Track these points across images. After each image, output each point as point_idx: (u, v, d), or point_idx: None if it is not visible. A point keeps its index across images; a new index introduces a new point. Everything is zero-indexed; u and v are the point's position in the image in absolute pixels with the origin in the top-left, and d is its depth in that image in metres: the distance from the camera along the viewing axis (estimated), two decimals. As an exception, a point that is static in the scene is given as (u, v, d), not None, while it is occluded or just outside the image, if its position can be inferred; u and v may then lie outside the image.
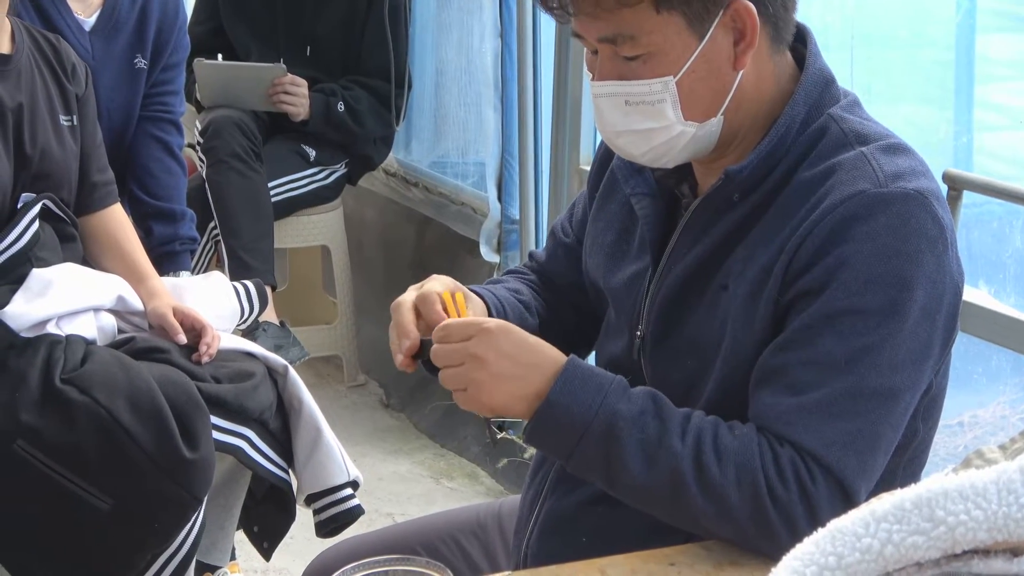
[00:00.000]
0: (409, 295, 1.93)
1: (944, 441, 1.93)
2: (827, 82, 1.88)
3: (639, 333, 1.96)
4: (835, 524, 1.05)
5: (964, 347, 1.89)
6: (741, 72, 1.84)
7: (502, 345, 1.77)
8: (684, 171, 1.97)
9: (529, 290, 2.20)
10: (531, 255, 2.30)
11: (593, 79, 1.88)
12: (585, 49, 1.91)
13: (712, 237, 1.87)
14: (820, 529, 1.06)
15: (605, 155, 2.13)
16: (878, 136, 1.83)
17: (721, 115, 1.85)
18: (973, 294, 2.87)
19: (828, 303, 1.72)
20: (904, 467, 1.86)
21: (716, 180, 1.86)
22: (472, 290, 2.06)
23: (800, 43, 1.92)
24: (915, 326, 1.72)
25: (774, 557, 1.69)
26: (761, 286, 1.78)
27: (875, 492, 1.70)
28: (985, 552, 1.02)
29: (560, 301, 2.21)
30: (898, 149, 1.82)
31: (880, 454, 1.73)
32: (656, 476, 1.73)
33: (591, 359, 2.14)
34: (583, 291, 2.16)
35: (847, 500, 1.69)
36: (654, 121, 1.84)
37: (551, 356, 1.79)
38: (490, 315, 2.03)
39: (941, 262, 1.74)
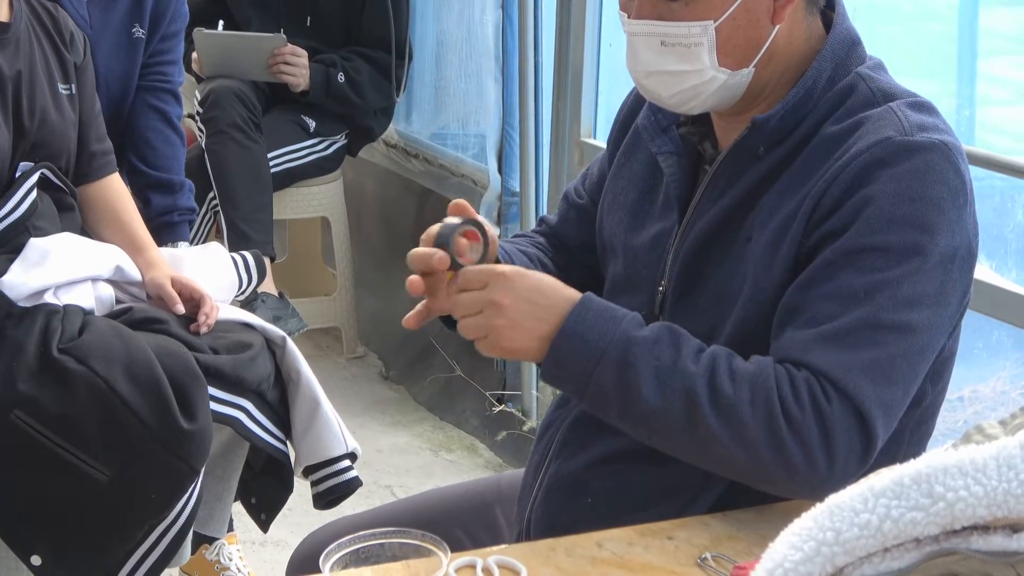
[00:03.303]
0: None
1: (943, 416, 1.93)
2: (853, 42, 1.92)
3: (661, 288, 1.97)
4: (833, 499, 1.04)
5: (965, 321, 1.89)
6: (777, 26, 1.87)
7: (518, 289, 1.77)
8: (706, 128, 2.00)
9: (536, 250, 2.20)
10: (542, 220, 2.32)
11: (630, 17, 1.90)
12: None
13: (737, 190, 1.89)
14: (819, 505, 1.05)
15: (628, 115, 2.16)
16: (905, 94, 1.87)
17: (753, 67, 1.88)
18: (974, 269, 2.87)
19: (850, 240, 1.74)
20: (911, 431, 1.87)
21: (742, 130, 1.88)
22: None
23: (830, 9, 1.96)
24: (932, 270, 1.74)
25: (787, 486, 1.70)
26: (784, 232, 1.80)
27: (881, 457, 1.72)
28: (985, 528, 1.01)
29: (572, 263, 2.22)
30: (924, 106, 1.85)
31: (897, 388, 1.74)
32: (670, 400, 1.73)
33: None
34: (594, 253, 2.17)
35: (863, 425, 1.70)
36: (688, 64, 1.86)
37: (567, 295, 1.80)
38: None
39: (960, 215, 1.77)
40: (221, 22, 4.86)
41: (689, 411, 1.72)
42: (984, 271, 2.94)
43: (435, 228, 1.86)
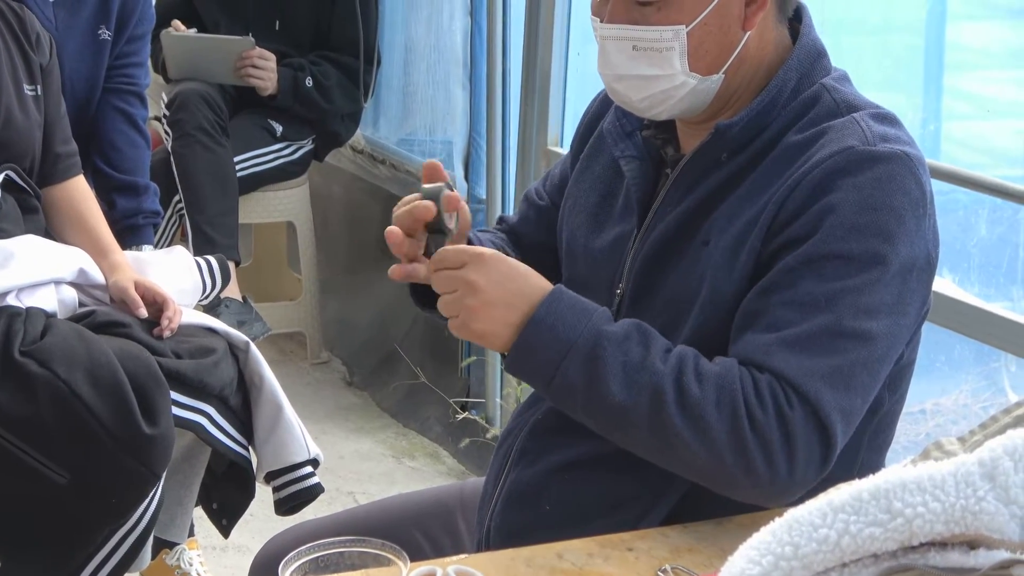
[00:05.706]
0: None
1: (905, 429, 1.94)
2: (819, 54, 1.94)
3: (619, 291, 1.97)
4: (792, 514, 1.04)
5: (927, 335, 1.90)
6: (748, 33, 1.88)
7: (492, 273, 1.78)
8: (670, 134, 2.01)
9: (500, 242, 2.21)
10: (501, 219, 2.33)
11: (602, 21, 1.90)
12: None
13: (697, 194, 1.90)
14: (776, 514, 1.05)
15: (592, 118, 2.17)
16: (869, 105, 1.88)
17: (723, 73, 1.90)
18: (937, 283, 2.87)
19: (812, 248, 1.75)
20: (869, 439, 1.88)
21: (705, 135, 1.89)
22: None
23: (797, 21, 1.97)
24: (892, 279, 1.76)
25: (746, 491, 1.70)
26: (745, 237, 1.81)
27: (839, 465, 1.74)
28: (942, 545, 1.02)
29: (526, 261, 2.22)
30: (887, 118, 1.87)
31: (856, 397, 1.75)
32: (636, 397, 1.73)
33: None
34: (549, 251, 2.18)
35: (823, 431, 1.71)
36: (659, 68, 1.87)
37: (540, 284, 1.81)
38: None
39: (920, 225, 1.78)
40: (194, 29, 4.84)
41: (654, 409, 1.73)
42: (947, 285, 2.95)
43: (411, 197, 1.88)
